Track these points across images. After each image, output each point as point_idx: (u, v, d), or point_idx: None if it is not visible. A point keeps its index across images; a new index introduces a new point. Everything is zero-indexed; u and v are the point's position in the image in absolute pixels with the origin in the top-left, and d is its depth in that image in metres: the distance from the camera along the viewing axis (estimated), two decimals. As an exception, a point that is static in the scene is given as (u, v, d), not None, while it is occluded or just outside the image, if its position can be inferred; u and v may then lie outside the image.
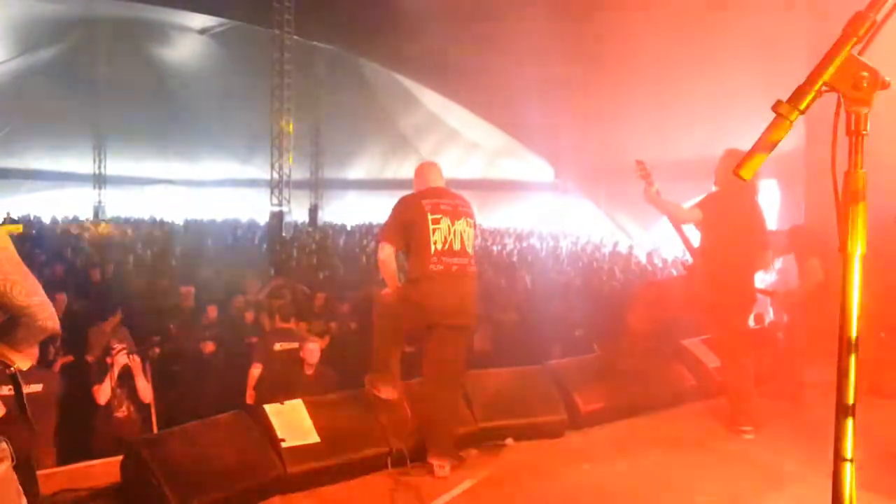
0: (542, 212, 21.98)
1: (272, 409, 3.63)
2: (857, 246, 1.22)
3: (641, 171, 4.34)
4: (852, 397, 1.22)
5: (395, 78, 23.54)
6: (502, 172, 23.49)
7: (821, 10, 6.36)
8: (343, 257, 13.93)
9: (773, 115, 1.23)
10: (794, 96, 1.22)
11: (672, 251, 12.92)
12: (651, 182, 4.33)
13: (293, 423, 3.60)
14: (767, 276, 7.03)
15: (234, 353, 6.60)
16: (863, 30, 1.19)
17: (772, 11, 10.54)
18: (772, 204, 10.76)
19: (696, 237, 4.47)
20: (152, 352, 6.39)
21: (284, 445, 3.47)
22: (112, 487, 3.31)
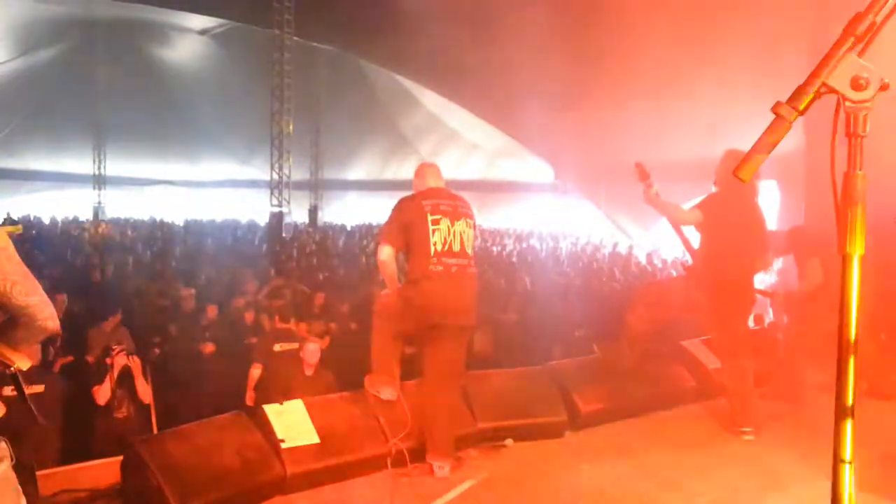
0: (541, 212, 21.97)
1: (272, 410, 3.63)
2: (856, 247, 1.22)
3: (640, 172, 4.34)
4: (852, 398, 1.22)
5: (395, 78, 23.56)
6: (502, 173, 23.49)
7: (820, 11, 6.36)
8: (343, 258, 13.91)
9: (772, 116, 1.23)
10: (794, 97, 1.22)
11: (672, 252, 12.93)
12: (650, 184, 4.33)
13: (293, 423, 3.60)
14: (767, 277, 7.04)
15: (233, 354, 6.59)
16: (862, 31, 1.20)
17: (772, 12, 10.55)
18: (772, 205, 10.77)
19: (695, 238, 4.47)
20: (152, 352, 6.40)
21: (284, 446, 3.47)
22: (112, 488, 3.32)
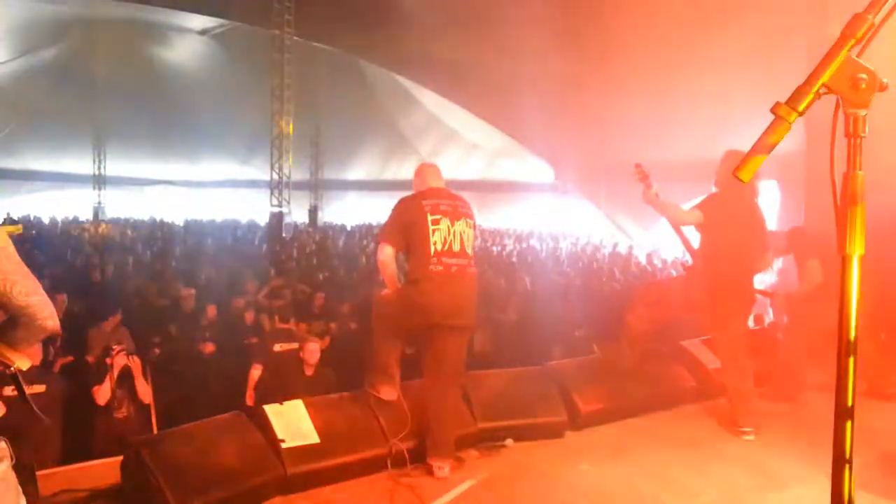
0: (541, 212, 21.98)
1: (272, 410, 3.63)
2: (855, 247, 1.22)
3: (640, 174, 4.34)
4: (851, 398, 1.22)
5: (394, 78, 23.55)
6: (502, 173, 23.50)
7: (820, 12, 6.37)
8: (343, 258, 13.92)
9: (772, 117, 1.23)
10: (793, 98, 1.22)
11: (672, 252, 12.93)
12: (650, 184, 4.33)
13: (293, 423, 3.60)
14: (767, 278, 7.04)
15: (233, 354, 6.60)
16: (861, 32, 1.20)
17: (771, 13, 10.56)
18: (772, 205, 10.77)
19: (695, 238, 4.47)
20: (152, 352, 6.40)
21: (284, 446, 3.47)
22: (112, 488, 3.32)
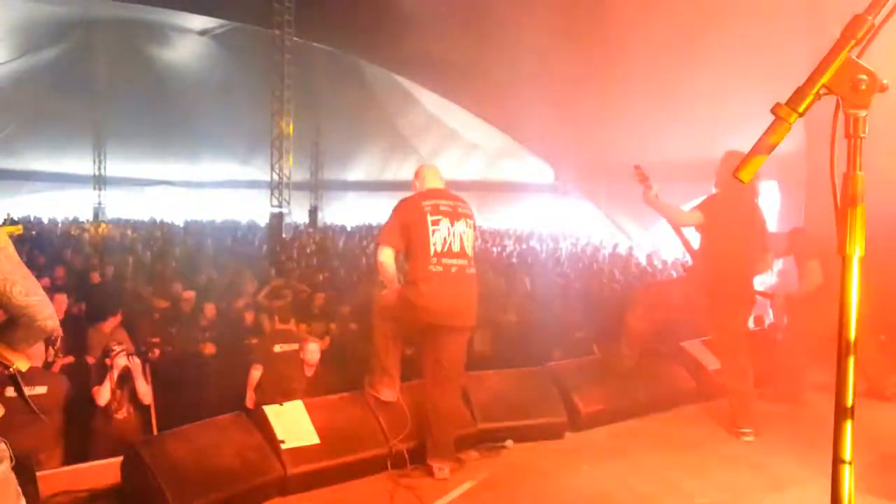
0: (541, 213, 21.99)
1: (272, 411, 3.63)
2: (855, 248, 1.22)
3: (639, 175, 4.34)
4: (851, 399, 1.22)
5: (394, 79, 23.57)
6: (502, 174, 23.51)
7: (819, 13, 6.37)
8: (343, 259, 13.92)
9: (772, 118, 1.23)
10: (793, 99, 1.22)
11: (672, 253, 12.92)
12: (650, 186, 4.33)
13: (293, 424, 3.60)
14: (767, 278, 7.04)
15: (233, 355, 6.59)
16: (861, 32, 1.20)
17: (771, 14, 10.56)
18: (772, 206, 10.77)
19: (695, 239, 4.47)
20: (152, 353, 6.39)
21: (284, 447, 3.47)
22: (112, 489, 3.32)
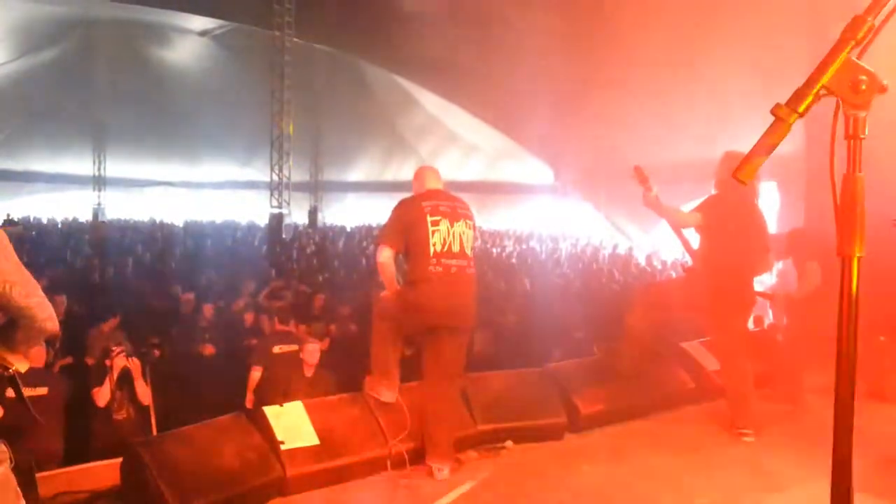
0: (541, 214, 21.99)
1: (272, 412, 3.63)
2: (855, 249, 1.22)
3: (639, 177, 4.33)
4: (851, 400, 1.22)
5: (394, 80, 23.56)
6: (502, 175, 23.50)
7: (820, 13, 6.37)
8: (343, 259, 13.92)
9: (772, 119, 1.23)
10: (793, 99, 1.22)
11: (671, 253, 12.93)
12: (650, 187, 4.32)
13: (292, 425, 3.60)
14: (767, 279, 7.04)
15: (233, 356, 6.59)
16: (861, 33, 1.20)
17: (771, 15, 10.56)
18: (772, 206, 10.76)
19: (695, 239, 4.47)
20: (152, 354, 6.39)
21: (284, 448, 3.47)
22: (111, 490, 3.32)
